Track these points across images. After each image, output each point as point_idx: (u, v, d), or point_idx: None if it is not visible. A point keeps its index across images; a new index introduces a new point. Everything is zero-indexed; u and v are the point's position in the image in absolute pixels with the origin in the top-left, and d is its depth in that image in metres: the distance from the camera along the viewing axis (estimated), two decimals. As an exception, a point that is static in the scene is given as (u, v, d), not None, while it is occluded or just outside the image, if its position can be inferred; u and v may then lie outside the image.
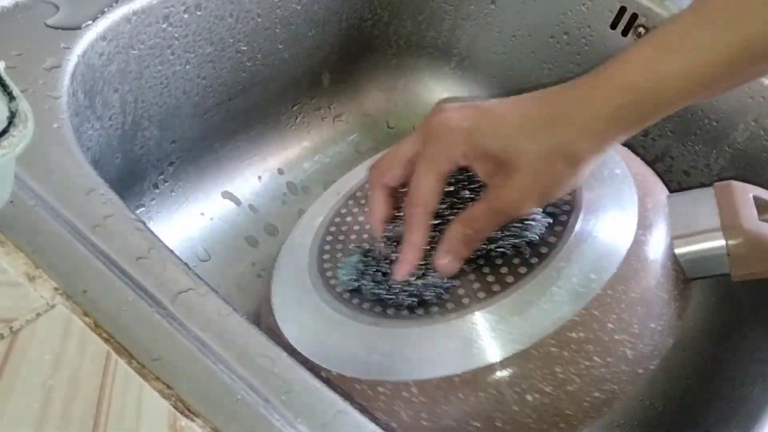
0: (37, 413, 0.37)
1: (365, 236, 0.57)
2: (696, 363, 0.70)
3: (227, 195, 0.75)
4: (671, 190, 0.58)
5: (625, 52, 0.47)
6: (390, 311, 0.51)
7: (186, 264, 0.45)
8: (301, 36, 0.74)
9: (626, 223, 0.52)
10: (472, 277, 0.51)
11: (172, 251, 0.46)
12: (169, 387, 0.39)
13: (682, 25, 0.46)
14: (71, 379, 0.38)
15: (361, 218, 0.59)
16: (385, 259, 0.53)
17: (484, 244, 0.51)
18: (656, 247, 0.52)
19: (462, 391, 0.47)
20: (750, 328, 0.58)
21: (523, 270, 0.50)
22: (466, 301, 0.50)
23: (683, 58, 0.45)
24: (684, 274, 0.53)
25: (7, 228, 0.44)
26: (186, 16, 0.63)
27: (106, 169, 0.59)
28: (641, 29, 0.74)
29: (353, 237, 0.58)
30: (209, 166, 0.74)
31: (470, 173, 0.51)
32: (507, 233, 0.51)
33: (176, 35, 0.63)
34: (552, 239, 0.51)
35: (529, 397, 0.47)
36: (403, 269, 0.49)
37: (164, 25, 0.62)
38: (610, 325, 0.48)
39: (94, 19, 0.57)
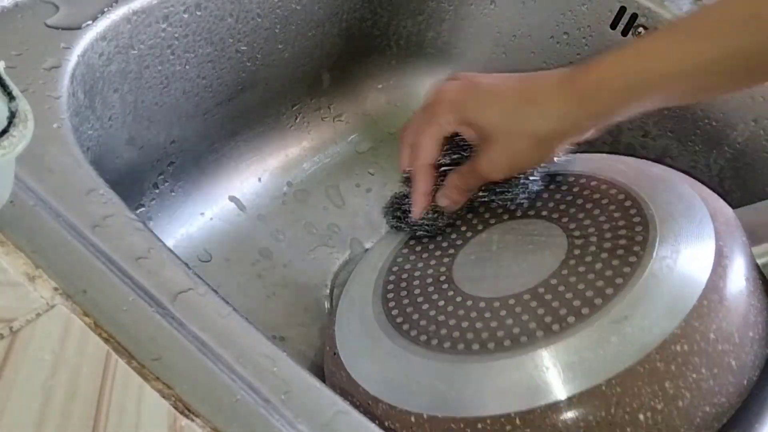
0: (37, 413, 0.37)
1: (428, 280, 0.58)
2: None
3: (227, 195, 0.75)
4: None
5: (608, 53, 0.52)
6: (475, 346, 0.51)
7: (186, 264, 0.45)
8: (301, 36, 0.74)
9: (706, 236, 0.52)
10: (541, 311, 0.50)
11: (172, 251, 0.46)
12: (169, 387, 0.39)
13: (664, 36, 0.52)
14: (71, 379, 0.38)
15: (420, 264, 0.60)
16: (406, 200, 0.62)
17: (483, 195, 0.60)
18: (739, 259, 0.52)
19: (571, 415, 0.46)
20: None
21: (610, 291, 0.50)
22: (543, 331, 0.49)
23: (662, 62, 0.49)
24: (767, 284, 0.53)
25: (7, 228, 0.44)
26: (186, 16, 0.63)
27: (106, 169, 0.59)
28: (641, 29, 0.74)
29: (416, 283, 0.58)
30: (209, 166, 0.74)
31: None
32: (501, 189, 0.59)
33: (176, 35, 0.63)
34: (632, 258, 0.51)
35: (641, 417, 0.46)
36: (417, 210, 0.61)
37: (164, 25, 0.62)
38: (712, 335, 0.48)
39: (94, 19, 0.57)
